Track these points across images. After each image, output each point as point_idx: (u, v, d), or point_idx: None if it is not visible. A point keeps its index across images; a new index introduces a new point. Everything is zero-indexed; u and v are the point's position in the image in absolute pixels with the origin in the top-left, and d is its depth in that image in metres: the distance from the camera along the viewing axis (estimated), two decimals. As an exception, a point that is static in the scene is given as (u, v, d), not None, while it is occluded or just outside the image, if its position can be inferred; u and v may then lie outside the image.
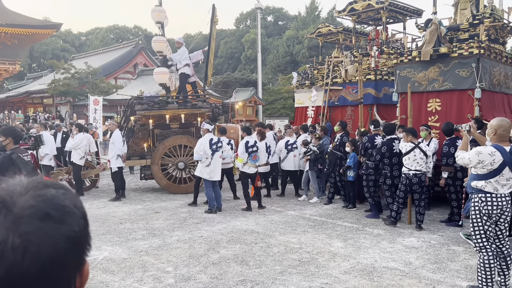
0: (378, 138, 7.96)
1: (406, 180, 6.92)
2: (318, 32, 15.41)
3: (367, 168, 7.91)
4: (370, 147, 7.89)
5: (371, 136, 8.14)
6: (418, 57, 8.81)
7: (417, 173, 6.87)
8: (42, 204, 0.70)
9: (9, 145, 4.96)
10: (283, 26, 56.07)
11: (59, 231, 0.70)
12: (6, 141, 4.96)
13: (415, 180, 6.87)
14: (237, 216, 8.02)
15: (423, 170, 6.91)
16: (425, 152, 6.90)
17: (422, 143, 7.11)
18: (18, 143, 5.09)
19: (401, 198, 7.06)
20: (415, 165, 6.86)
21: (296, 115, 14.85)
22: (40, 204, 0.70)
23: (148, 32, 61.94)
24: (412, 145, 6.90)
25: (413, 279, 4.82)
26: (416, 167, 6.86)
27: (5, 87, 41.89)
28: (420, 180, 6.89)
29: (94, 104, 19.37)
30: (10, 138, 4.96)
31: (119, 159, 9.67)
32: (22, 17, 30.91)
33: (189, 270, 5.11)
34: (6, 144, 4.97)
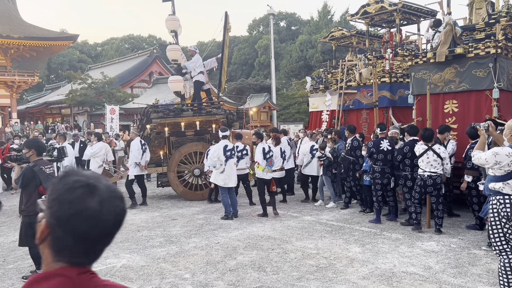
0: (384, 142, 7.83)
1: (421, 181, 6.91)
2: (331, 36, 15.37)
3: (374, 172, 7.84)
4: (375, 151, 7.80)
5: (376, 140, 8.05)
6: (433, 59, 8.71)
7: (432, 175, 6.80)
8: (109, 188, 1.13)
9: (32, 157, 5.03)
10: (296, 31, 56.11)
11: (122, 205, 1.14)
12: (30, 153, 5.03)
13: (430, 182, 6.81)
14: (254, 222, 8.01)
15: (438, 172, 6.83)
16: (438, 154, 6.82)
17: (436, 145, 7.01)
18: (41, 155, 5.14)
19: (416, 199, 6.98)
20: (429, 167, 6.81)
21: (310, 119, 14.80)
22: (109, 188, 1.13)
23: (162, 41, 62.70)
24: (425, 148, 6.84)
25: (434, 284, 4.73)
26: (431, 169, 6.81)
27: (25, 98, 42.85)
28: (435, 182, 6.81)
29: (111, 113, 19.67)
30: (33, 150, 5.02)
31: (136, 167, 9.81)
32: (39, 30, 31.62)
33: (206, 277, 5.12)
34: (30, 156, 5.04)
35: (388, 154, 7.73)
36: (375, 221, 7.72)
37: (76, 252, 1.08)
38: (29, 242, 5.02)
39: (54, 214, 1.07)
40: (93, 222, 1.06)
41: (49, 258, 1.10)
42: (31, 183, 4.93)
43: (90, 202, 1.07)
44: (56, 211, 1.07)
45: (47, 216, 1.09)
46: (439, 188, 6.88)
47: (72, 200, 1.06)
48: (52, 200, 1.09)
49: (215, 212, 8.93)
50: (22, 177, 4.89)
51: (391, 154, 7.74)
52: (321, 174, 9.41)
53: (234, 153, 8.64)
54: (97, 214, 1.07)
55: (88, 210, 1.06)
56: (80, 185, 1.09)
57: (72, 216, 1.05)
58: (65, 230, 1.06)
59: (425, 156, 6.84)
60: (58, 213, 1.06)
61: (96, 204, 1.07)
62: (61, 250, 1.08)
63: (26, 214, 5.01)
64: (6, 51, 30.47)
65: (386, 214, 8.09)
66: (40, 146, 5.18)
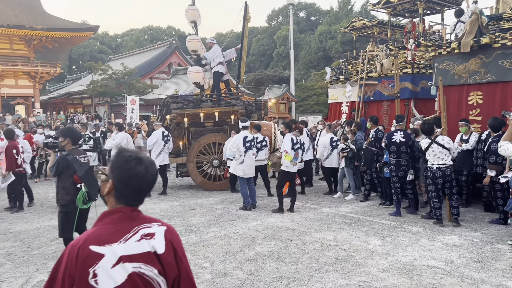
0: (397, 134, 7.69)
1: (430, 173, 6.87)
2: (352, 26, 15.16)
3: (389, 164, 7.74)
4: (387, 143, 7.68)
5: (389, 132, 7.92)
6: (457, 49, 8.50)
7: (440, 167, 6.75)
8: (148, 159, 1.76)
9: (68, 145, 5.04)
10: (315, 22, 55.54)
11: (156, 169, 1.80)
12: (65, 142, 5.04)
13: (439, 174, 6.76)
14: (272, 213, 8.01)
15: (447, 163, 6.77)
16: (443, 145, 6.74)
17: (439, 136, 6.89)
18: (76, 144, 5.16)
19: (433, 192, 6.89)
20: (437, 160, 6.78)
21: (330, 111, 14.68)
22: (148, 159, 1.77)
23: (181, 32, 62.91)
24: (428, 141, 6.81)
25: (455, 278, 4.66)
26: (439, 161, 6.77)
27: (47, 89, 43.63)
28: (445, 174, 6.74)
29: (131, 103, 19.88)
30: (68, 139, 5.03)
31: (159, 157, 10.00)
32: (61, 21, 32.07)
33: (225, 266, 5.16)
34: (65, 145, 5.06)
35: (402, 146, 7.60)
36: (395, 213, 7.64)
37: (129, 198, 1.72)
38: (66, 233, 5.09)
39: (117, 177, 1.71)
40: (142, 181, 1.71)
41: (112, 202, 1.73)
42: (66, 172, 4.94)
43: (140, 168, 1.71)
44: (118, 174, 1.70)
45: (112, 178, 1.71)
46: (450, 180, 6.80)
47: (128, 167, 1.70)
48: (115, 168, 1.72)
49: (233, 203, 8.97)
50: (56, 166, 4.92)
51: (405, 146, 7.61)
52: (342, 166, 9.29)
53: (253, 144, 8.63)
54: (144, 176, 1.71)
55: (139, 173, 1.70)
56: (132, 158, 1.72)
57: (129, 178, 1.69)
58: (124, 186, 1.70)
59: (430, 149, 6.82)
60: (120, 176, 1.70)
61: (143, 169, 1.71)
62: (121, 197, 1.72)
63: (62, 204, 5.03)
64: (29, 42, 31.04)
65: (406, 207, 7.99)
66: (75, 135, 5.17)
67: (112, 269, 1.57)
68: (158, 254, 1.65)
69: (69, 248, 1.63)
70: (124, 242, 1.62)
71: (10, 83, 30.73)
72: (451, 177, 6.84)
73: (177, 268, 1.70)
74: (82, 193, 4.90)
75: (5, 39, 30.28)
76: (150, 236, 1.66)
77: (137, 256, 1.61)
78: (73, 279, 1.57)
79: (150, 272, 1.62)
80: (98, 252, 1.58)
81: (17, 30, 28.97)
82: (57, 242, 6.37)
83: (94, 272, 1.56)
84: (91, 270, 1.56)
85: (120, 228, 1.65)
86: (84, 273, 1.56)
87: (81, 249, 1.59)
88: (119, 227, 1.66)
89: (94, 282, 1.56)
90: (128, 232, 1.65)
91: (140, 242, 1.64)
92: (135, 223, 1.68)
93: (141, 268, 1.61)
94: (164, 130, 10.32)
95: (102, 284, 1.56)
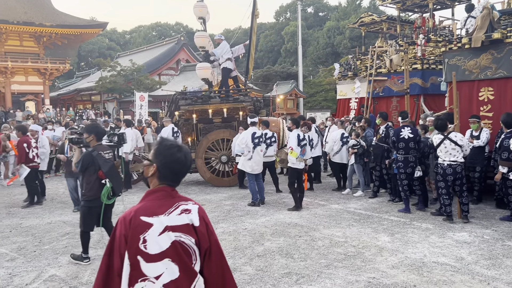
0: (404, 130, 7.62)
1: (441, 170, 6.83)
2: (361, 22, 15.05)
3: (397, 161, 7.68)
4: (395, 140, 7.62)
5: (397, 128, 7.85)
6: (468, 44, 8.41)
7: (451, 164, 6.71)
8: (186, 148, 2.11)
9: (92, 142, 5.08)
10: (323, 17, 55.25)
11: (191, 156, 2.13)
12: (90, 138, 5.08)
13: (449, 171, 6.72)
14: (280, 209, 8.02)
15: (458, 160, 6.72)
16: (455, 142, 6.68)
17: (452, 133, 6.82)
18: (100, 140, 5.19)
19: (443, 188, 6.85)
20: (449, 156, 6.74)
21: (338, 107, 14.63)
22: (186, 147, 2.11)
23: (189, 29, 62.94)
24: (441, 137, 6.74)
25: (466, 275, 4.63)
26: (450, 158, 6.72)
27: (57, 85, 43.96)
28: (455, 171, 6.71)
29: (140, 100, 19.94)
30: (93, 135, 5.07)
31: None
32: (70, 18, 32.24)
33: (234, 262, 5.17)
34: (90, 141, 5.10)
35: (410, 142, 7.55)
36: (404, 210, 7.60)
37: (170, 179, 2.04)
38: (86, 227, 5.14)
39: (161, 161, 2.01)
40: (182, 165, 2.05)
41: (156, 183, 2.03)
42: (91, 168, 4.97)
43: (180, 155, 2.04)
44: (162, 159, 2.02)
45: (157, 162, 2.02)
46: (460, 177, 6.75)
47: (171, 153, 2.02)
48: (159, 154, 2.03)
49: (242, 199, 8.99)
50: (82, 162, 4.96)
51: (414, 142, 7.56)
52: (352, 162, 9.24)
53: (262, 140, 8.62)
54: (183, 161, 2.04)
55: (179, 159, 2.03)
56: (173, 146, 2.05)
57: (172, 162, 2.02)
58: (167, 169, 2.01)
59: (442, 145, 6.77)
60: (163, 161, 2.01)
61: (183, 156, 2.05)
62: (163, 178, 2.03)
63: (86, 199, 5.07)
64: (39, 39, 31.26)
65: (415, 204, 7.94)
66: (99, 131, 5.20)
67: (159, 236, 1.86)
68: (195, 227, 1.95)
69: (121, 219, 1.92)
70: (168, 215, 1.92)
71: (21, 80, 31.00)
72: (462, 175, 6.79)
73: (208, 240, 1.98)
74: (107, 189, 4.94)
75: (15, 36, 30.52)
76: (188, 211, 1.97)
77: (178, 227, 1.91)
78: (126, 240, 1.87)
79: (189, 241, 1.92)
80: (147, 221, 1.88)
81: (27, 27, 29.18)
82: (67, 237, 6.44)
83: (144, 238, 1.86)
84: (142, 236, 1.85)
85: (164, 203, 1.96)
86: (135, 238, 1.85)
87: (133, 219, 1.89)
88: (163, 202, 1.96)
89: (144, 247, 1.85)
90: (171, 207, 1.95)
91: (181, 216, 1.94)
92: (175, 200, 1.99)
93: (182, 237, 1.90)
94: (173, 127, 10.36)
95: (150, 249, 1.85)
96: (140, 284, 1.84)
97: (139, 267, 1.85)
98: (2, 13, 28.54)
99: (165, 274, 1.86)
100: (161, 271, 1.86)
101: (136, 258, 1.85)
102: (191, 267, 1.91)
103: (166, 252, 1.86)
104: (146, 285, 1.85)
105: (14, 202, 9.15)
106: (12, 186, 11.29)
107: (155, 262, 1.85)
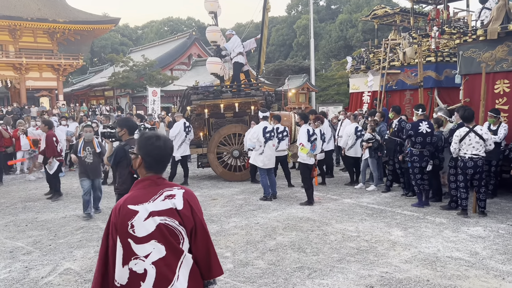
0: (423, 124, 7.51)
1: (461, 163, 6.71)
2: (374, 14, 14.88)
3: (412, 155, 7.58)
4: (413, 134, 7.52)
5: (415, 122, 7.72)
6: (483, 36, 8.26)
7: (473, 157, 6.59)
8: (165, 136, 2.35)
9: (124, 136, 5.09)
10: (335, 10, 54.74)
11: (171, 143, 2.36)
12: (122, 132, 5.09)
13: (470, 164, 6.61)
14: (292, 204, 8.01)
15: (480, 154, 6.60)
16: (480, 135, 6.55)
17: (477, 126, 6.71)
18: (132, 134, 5.17)
19: (462, 182, 6.75)
20: (471, 149, 6.61)
21: (351, 101, 14.52)
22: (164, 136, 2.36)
23: (201, 23, 62.96)
24: (466, 130, 6.60)
25: (480, 270, 4.58)
26: (472, 151, 6.60)
27: (70, 81, 44.43)
28: (476, 165, 6.59)
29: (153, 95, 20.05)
30: (125, 129, 5.06)
31: (181, 148, 10.12)
32: (83, 14, 32.50)
33: (247, 256, 5.19)
34: (122, 135, 5.11)
35: (428, 137, 7.45)
36: (418, 204, 7.53)
37: (155, 167, 2.26)
38: None
39: (143, 151, 2.25)
40: (161, 150, 2.26)
41: (143, 173, 2.26)
42: (123, 162, 4.96)
43: (159, 143, 2.25)
44: (144, 149, 2.25)
45: (140, 153, 2.25)
46: (480, 171, 6.64)
47: (151, 143, 2.25)
48: (141, 145, 2.27)
49: (254, 193, 9.00)
50: (114, 156, 4.97)
51: (431, 136, 7.47)
52: (365, 156, 9.17)
53: (273, 134, 8.60)
54: (162, 147, 2.26)
55: (159, 146, 2.25)
56: (152, 136, 2.28)
57: (152, 150, 2.24)
58: (150, 157, 2.24)
59: (467, 138, 6.63)
60: (145, 150, 2.24)
61: (161, 143, 2.26)
62: (149, 167, 2.25)
63: (119, 193, 5.04)
64: (52, 35, 31.60)
65: (431, 197, 7.84)
66: (131, 125, 5.19)
67: (145, 221, 2.12)
68: (178, 210, 2.17)
69: (114, 208, 2.19)
70: (152, 202, 2.15)
71: (35, 76, 31.42)
72: (482, 169, 6.68)
73: (193, 220, 2.20)
74: None
75: (29, 32, 30.90)
76: (171, 196, 2.19)
77: (162, 211, 2.15)
78: (116, 227, 2.14)
79: (173, 223, 2.15)
80: (133, 209, 2.13)
81: (41, 23, 29.52)
82: (82, 231, 6.53)
83: (131, 223, 2.11)
84: (129, 222, 2.11)
85: (149, 191, 2.19)
86: (124, 224, 2.12)
87: (121, 208, 2.15)
88: (149, 190, 2.20)
89: (132, 231, 2.11)
90: (155, 194, 2.18)
91: (164, 201, 2.17)
92: (160, 188, 2.22)
93: (166, 220, 2.14)
94: (185, 121, 10.40)
95: (138, 232, 2.11)
96: (133, 262, 2.12)
97: (130, 248, 2.11)
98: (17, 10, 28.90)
99: (153, 253, 2.11)
100: (149, 250, 2.11)
101: (127, 240, 2.11)
102: (176, 246, 2.15)
103: (152, 234, 2.11)
104: (138, 262, 2.11)
105: (29, 197, 9.30)
106: (28, 181, 11.47)
107: (143, 243, 2.11)
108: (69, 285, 4.49)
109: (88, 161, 7.44)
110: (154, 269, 2.12)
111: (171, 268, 2.13)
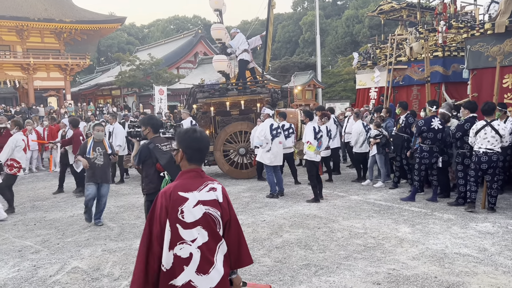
0: (435, 120, 7.44)
1: (475, 158, 6.64)
2: (380, 10, 14.77)
3: (422, 151, 7.52)
4: (426, 130, 7.45)
5: (427, 118, 7.64)
6: (491, 30, 8.16)
7: (487, 152, 6.51)
8: (201, 129, 2.59)
9: (149, 134, 5.02)
10: (342, 6, 54.45)
11: (206, 134, 2.58)
12: (146, 131, 5.03)
13: (484, 159, 6.52)
14: (299, 201, 7.99)
15: (495, 149, 6.51)
16: (497, 130, 6.46)
17: (496, 121, 6.62)
18: (157, 132, 5.13)
19: (473, 177, 6.69)
20: (486, 144, 6.53)
21: (357, 97, 14.45)
22: (199, 128, 2.85)
23: (207, 21, 62.95)
24: (483, 123, 6.51)
25: (489, 267, 4.54)
26: (487, 145, 6.51)
27: (77, 80, 44.70)
28: (490, 160, 6.51)
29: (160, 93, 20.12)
30: (149, 128, 5.00)
31: None
32: (89, 13, 32.66)
33: (253, 253, 5.14)
34: (147, 134, 5.04)
35: (439, 133, 7.39)
36: (408, 198, 7.60)
37: (196, 158, 2.45)
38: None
39: (184, 144, 2.44)
40: (199, 141, 2.45)
41: (186, 165, 2.44)
42: (148, 161, 4.91)
43: (196, 134, 2.45)
44: (184, 142, 2.44)
45: (181, 147, 2.45)
46: (494, 166, 6.55)
47: (189, 135, 2.44)
48: (180, 139, 2.46)
49: (260, 191, 9.00)
50: (139, 155, 4.93)
51: (442, 132, 7.41)
52: (373, 153, 9.10)
53: (280, 131, 8.58)
54: (199, 138, 2.45)
55: (196, 137, 2.44)
56: (188, 130, 2.49)
57: (191, 142, 2.43)
58: (190, 149, 2.43)
59: (482, 131, 6.54)
60: (185, 143, 2.44)
61: (198, 134, 2.46)
62: (190, 159, 2.44)
63: (147, 192, 5.01)
64: (59, 35, 31.80)
65: (438, 194, 7.79)
66: (155, 123, 5.12)
67: (194, 208, 2.32)
68: (219, 202, 2.40)
69: (162, 193, 2.36)
70: (199, 191, 2.36)
71: (43, 76, 31.66)
72: (497, 164, 6.59)
73: (229, 213, 2.44)
74: (166, 181, 4.86)
75: (37, 32, 31.13)
76: (214, 189, 2.41)
77: (208, 201, 2.36)
78: (168, 211, 2.30)
79: (215, 213, 2.37)
80: (184, 196, 2.32)
81: (48, 23, 29.74)
82: (89, 230, 6.56)
83: (181, 209, 2.30)
84: (180, 208, 2.30)
85: (195, 182, 2.39)
86: (175, 209, 2.29)
87: (172, 193, 2.32)
88: (195, 181, 2.40)
89: (181, 216, 2.29)
90: (201, 184, 2.39)
91: (209, 193, 2.39)
92: (204, 180, 2.42)
93: (210, 209, 2.36)
94: (192, 119, 10.41)
95: (186, 218, 2.29)
96: (179, 247, 2.29)
97: (178, 233, 2.29)
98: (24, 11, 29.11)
99: (198, 238, 2.31)
100: (195, 236, 2.31)
101: (176, 225, 2.29)
102: (217, 233, 2.37)
103: (199, 220, 2.31)
104: (184, 247, 2.29)
105: (38, 196, 9.37)
106: (36, 179, 11.57)
107: (190, 229, 2.30)
108: (77, 284, 4.52)
109: (99, 162, 6.72)
110: (199, 253, 2.30)
111: (212, 253, 2.34)
